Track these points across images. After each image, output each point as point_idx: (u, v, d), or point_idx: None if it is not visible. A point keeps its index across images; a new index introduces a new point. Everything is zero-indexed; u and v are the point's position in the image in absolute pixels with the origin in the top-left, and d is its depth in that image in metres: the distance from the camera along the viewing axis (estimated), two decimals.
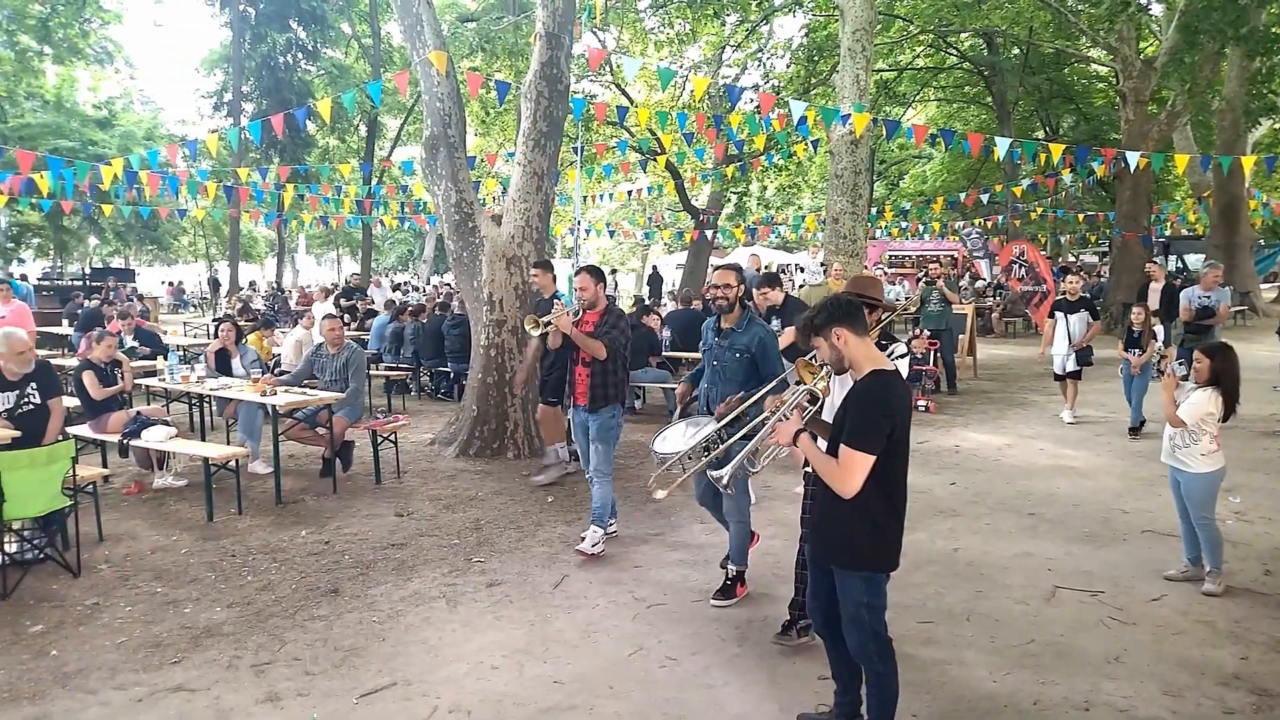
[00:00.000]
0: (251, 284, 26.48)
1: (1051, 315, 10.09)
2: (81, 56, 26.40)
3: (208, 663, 4.17)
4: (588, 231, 12.79)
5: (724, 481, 3.28)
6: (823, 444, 3.24)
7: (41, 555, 5.37)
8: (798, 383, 3.48)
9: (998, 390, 12.45)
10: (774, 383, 4.33)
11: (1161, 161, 12.46)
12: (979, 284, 23.72)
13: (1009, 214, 25.68)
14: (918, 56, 26.62)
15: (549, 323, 5.62)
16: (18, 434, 5.82)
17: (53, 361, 8.24)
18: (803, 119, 10.60)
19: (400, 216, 23.71)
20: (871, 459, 2.92)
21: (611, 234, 31.30)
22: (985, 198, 20.58)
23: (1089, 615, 4.69)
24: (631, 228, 33.73)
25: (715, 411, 4.53)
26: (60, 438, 6.13)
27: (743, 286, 4.93)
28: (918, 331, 11.77)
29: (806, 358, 3.52)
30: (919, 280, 14.78)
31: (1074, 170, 19.05)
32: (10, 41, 23.31)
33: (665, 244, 40.97)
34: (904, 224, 26.22)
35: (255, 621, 4.65)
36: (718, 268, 5.14)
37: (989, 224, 26.24)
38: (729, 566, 4.97)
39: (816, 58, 22.08)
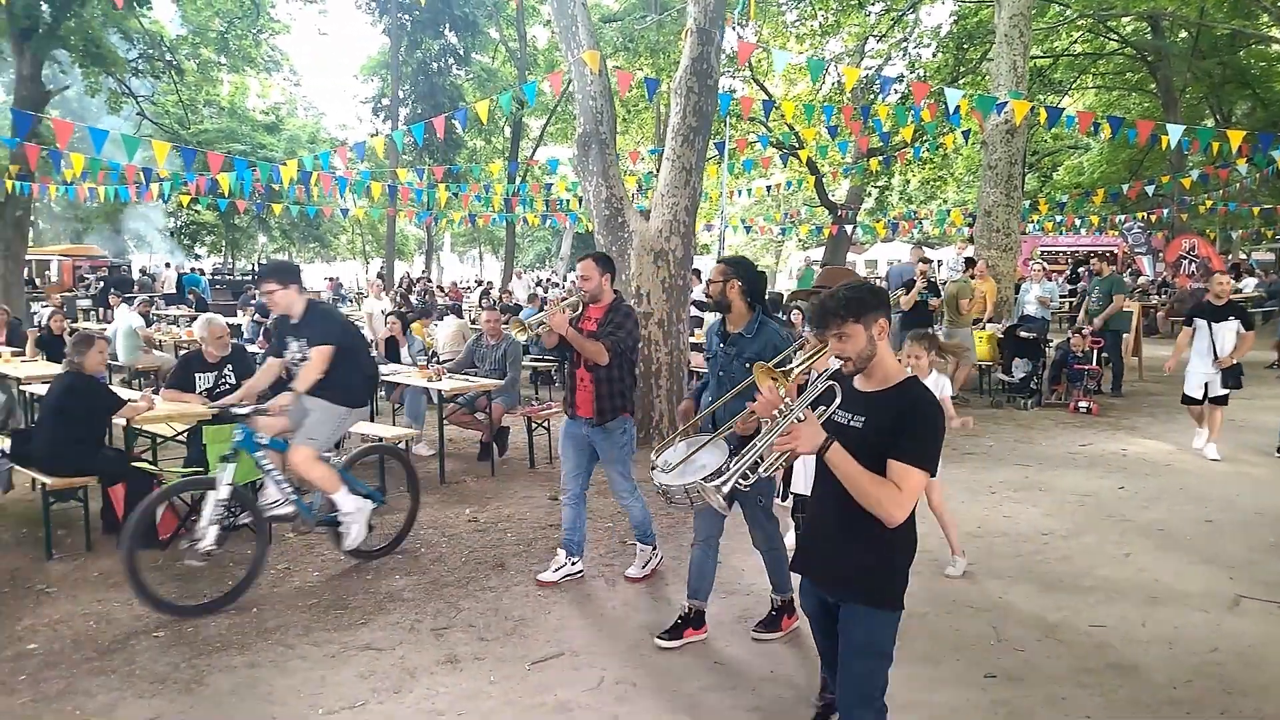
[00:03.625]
0: (407, 278, 27.80)
1: (1189, 322, 8.21)
2: (253, 65, 28.40)
3: (391, 625, 4.48)
4: (717, 227, 12.82)
5: (723, 502, 2.71)
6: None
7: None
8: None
9: (1165, 393, 11.73)
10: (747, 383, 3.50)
11: None
12: (1141, 280, 22.41)
13: (1174, 207, 24.06)
14: (1074, 42, 25.28)
15: (541, 323, 4.80)
16: (217, 410, 6.37)
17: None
18: (955, 109, 10.28)
19: (542, 214, 24.37)
20: (926, 479, 2.51)
21: (748, 230, 31.17)
22: (1150, 190, 19.33)
23: (1278, 628, 4.42)
24: (767, 224, 33.49)
25: (729, 430, 3.71)
26: None
27: (735, 281, 4.16)
28: (1080, 329, 11.22)
29: (773, 361, 2.97)
30: (1078, 275, 14.07)
31: (1251, 160, 17.68)
32: (194, 54, 25.32)
33: (800, 240, 40.51)
34: (1059, 218, 24.96)
35: (432, 589, 4.95)
36: (717, 262, 4.46)
37: (1152, 218, 24.67)
38: (773, 596, 4.42)
39: (966, 45, 21.34)
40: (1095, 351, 11.16)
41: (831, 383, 2.68)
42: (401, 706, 3.68)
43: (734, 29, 20.70)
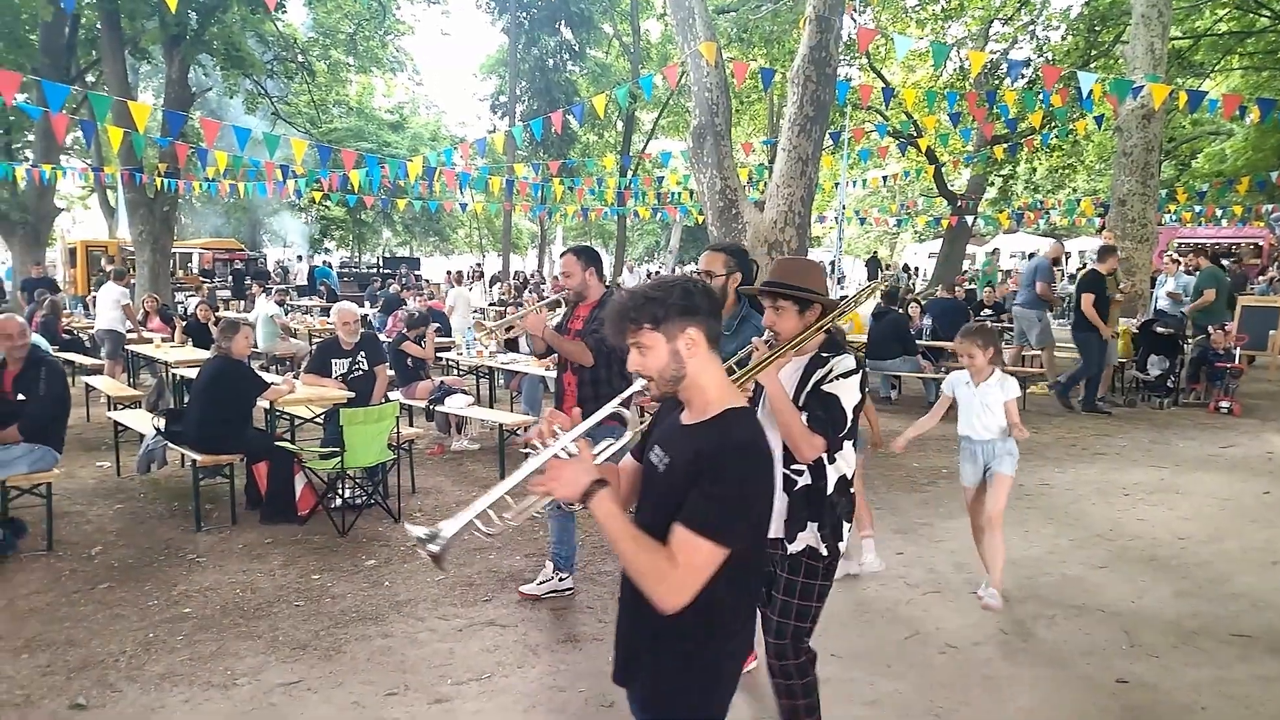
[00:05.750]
0: (521, 274, 28.51)
1: None
2: (380, 66, 29.57)
3: (513, 603, 4.64)
4: (837, 219, 12.61)
5: (435, 549, 1.77)
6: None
7: (371, 501, 6.16)
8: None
9: None
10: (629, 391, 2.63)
11: None
12: None
13: None
14: (1219, 21, 23.71)
15: (509, 326, 4.15)
16: (352, 395, 6.71)
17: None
18: (1088, 93, 9.83)
19: (654, 207, 24.51)
20: (723, 554, 1.79)
21: (862, 221, 30.55)
22: None
23: None
24: (883, 215, 32.73)
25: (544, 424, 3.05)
26: (383, 401, 7.00)
27: (738, 275, 3.67)
28: (1222, 324, 10.57)
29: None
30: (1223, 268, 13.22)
31: None
32: (325, 55, 26.55)
33: (916, 231, 39.41)
34: (1198, 208, 23.50)
35: None
36: (706, 250, 3.95)
37: None
38: None
39: (1099, 27, 20.32)
40: (1238, 348, 10.49)
41: (620, 410, 2.06)
42: (524, 681, 3.81)
43: (852, 16, 20.33)
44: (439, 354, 9.43)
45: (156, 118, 13.92)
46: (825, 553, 2.85)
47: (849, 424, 2.82)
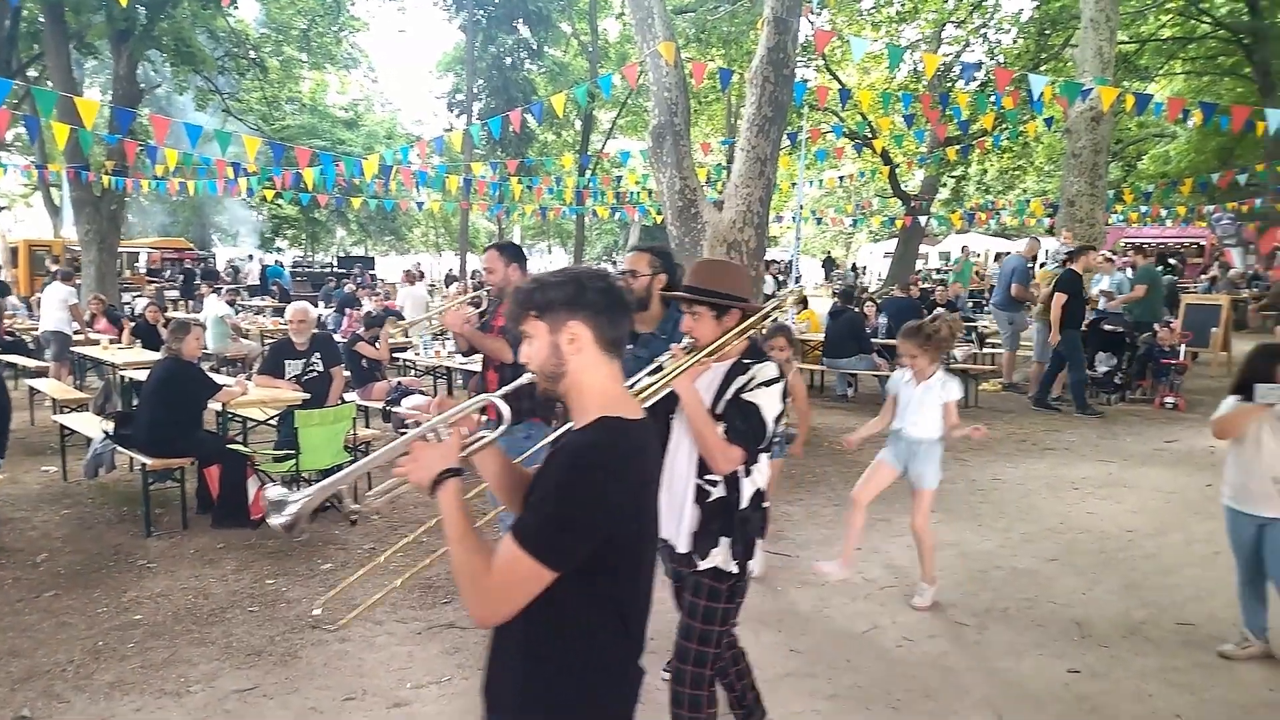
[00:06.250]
0: (475, 274, 28.31)
1: None
2: (334, 62, 29.16)
3: None
4: (795, 219, 12.72)
5: (282, 521, 1.73)
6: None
7: (328, 505, 6.08)
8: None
9: None
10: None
11: None
12: (1231, 273, 21.53)
13: (1269, 197, 23.01)
14: (1163, 26, 24.35)
15: (420, 323, 3.93)
16: (307, 396, 6.61)
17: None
18: (1038, 96, 10.03)
19: (612, 207, 24.49)
20: (547, 575, 1.62)
21: (819, 221, 30.84)
22: (1243, 179, 18.53)
23: None
24: (839, 215, 33.06)
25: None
26: (339, 402, 6.91)
27: (663, 276, 3.51)
28: (1167, 322, 10.87)
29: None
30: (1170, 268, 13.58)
31: None
32: (278, 51, 26.12)
33: (872, 232, 39.88)
34: (1144, 208, 24.10)
35: None
36: (630, 250, 3.81)
37: (1244, 208, 23.64)
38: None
39: (1049, 31, 20.74)
40: (1182, 346, 10.78)
41: (489, 399, 1.94)
42: None
43: (809, 18, 20.52)
44: (395, 354, 9.34)
45: (104, 114, 13.58)
46: (733, 572, 2.70)
47: (769, 435, 2.69)
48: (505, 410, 1.92)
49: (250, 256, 33.47)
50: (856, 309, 11.33)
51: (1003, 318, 11.30)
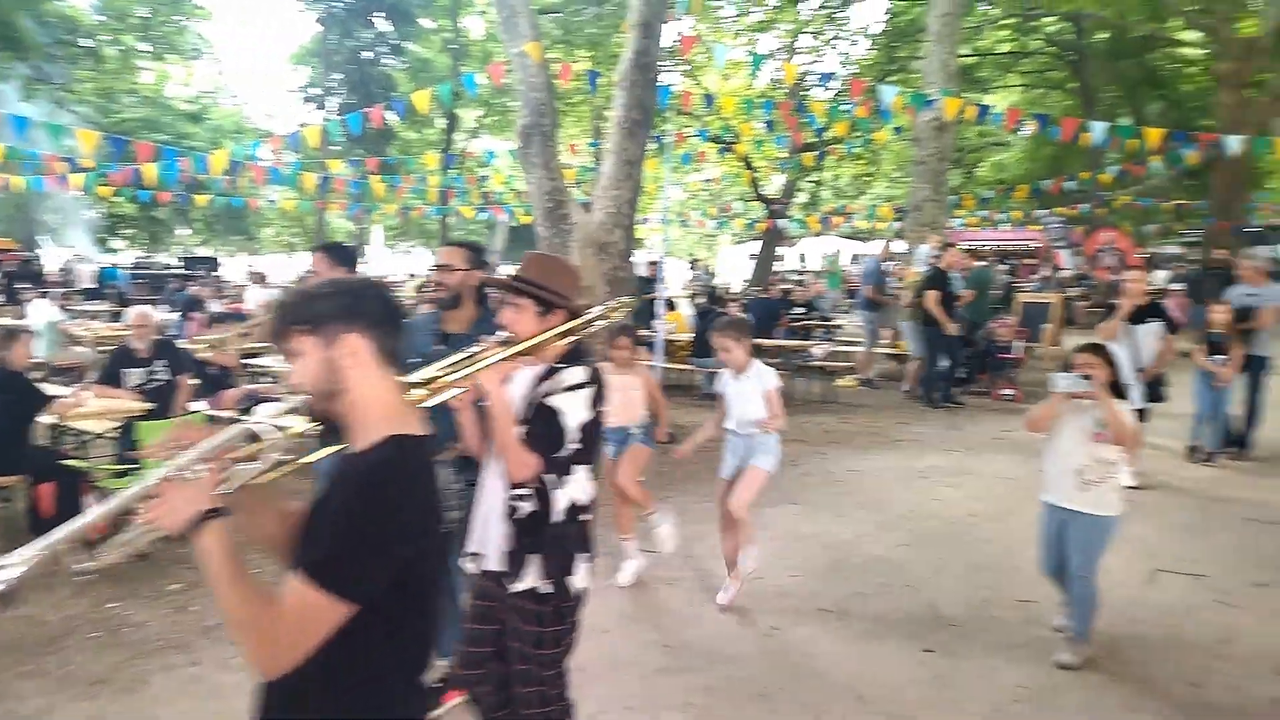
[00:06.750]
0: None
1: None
2: (177, 53, 27.56)
3: None
4: (662, 221, 12.90)
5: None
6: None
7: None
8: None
9: None
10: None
11: (1265, 147, 12.05)
12: (1061, 274, 23.23)
13: (1093, 203, 25.01)
14: (1000, 41, 26.09)
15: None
16: (150, 406, 6.21)
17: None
18: (889, 105, 10.56)
19: (478, 207, 24.16)
20: (345, 610, 1.51)
21: (684, 224, 31.37)
22: (1070, 186, 20.06)
23: (1194, 598, 4.69)
24: (703, 217, 33.72)
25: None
26: (186, 412, 6.52)
27: (477, 272, 3.40)
28: (1005, 318, 11.63)
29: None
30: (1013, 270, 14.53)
31: (1165, 157, 18.50)
32: (115, 41, 24.48)
33: (734, 234, 40.88)
34: (983, 213, 25.73)
35: None
36: (443, 245, 3.59)
37: (1072, 212, 25.59)
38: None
39: (897, 43, 21.83)
40: (1020, 341, 11.56)
41: (242, 425, 1.70)
42: None
43: (673, 24, 20.83)
44: (246, 361, 8.90)
45: None
46: (549, 591, 2.53)
47: (572, 444, 2.52)
48: (271, 436, 1.74)
49: (78, 256, 31.14)
50: (722, 309, 11.59)
51: (864, 318, 11.87)
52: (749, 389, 4.41)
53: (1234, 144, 11.07)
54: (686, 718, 3.55)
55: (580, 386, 2.53)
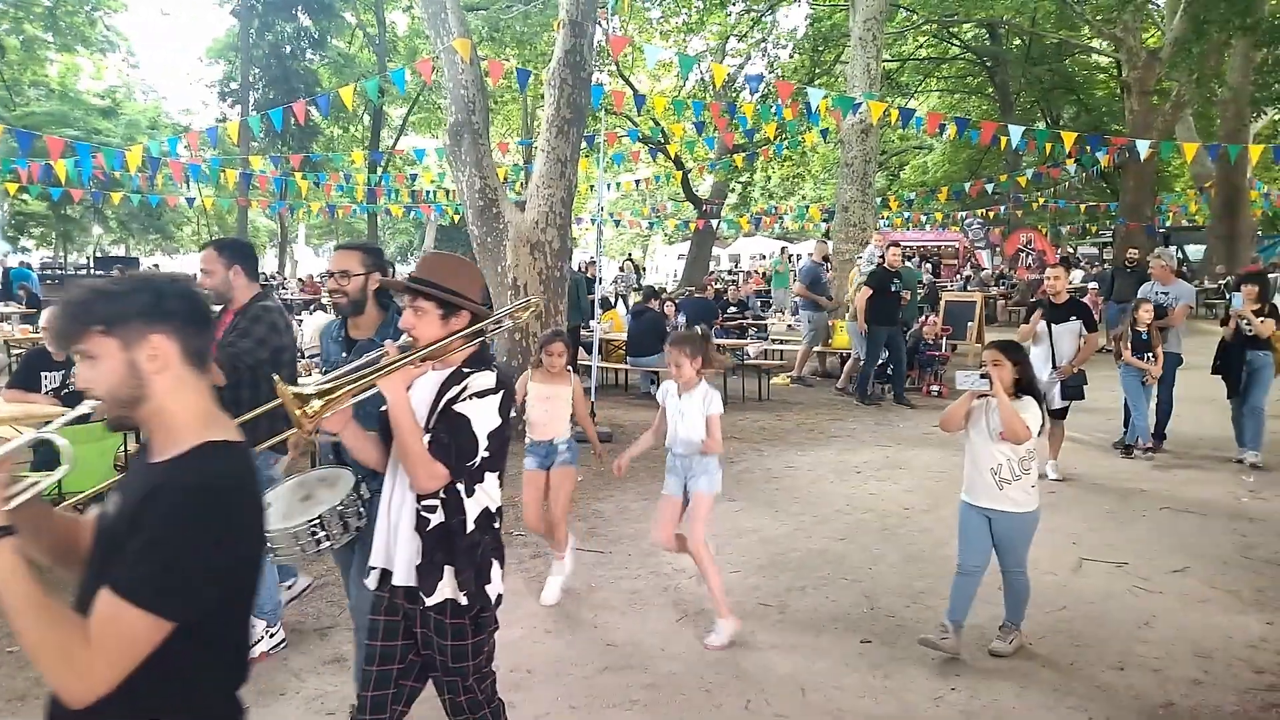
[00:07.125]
0: (269, 275, 26.65)
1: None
2: (88, 45, 26.45)
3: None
4: (594, 221, 12.88)
5: None
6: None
7: None
8: None
9: None
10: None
11: (1171, 150, 12.62)
12: (983, 274, 23.96)
13: (1011, 204, 25.88)
14: (920, 47, 26.79)
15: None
16: (69, 411, 5.95)
17: None
18: (815, 108, 10.73)
19: (407, 205, 23.80)
20: (166, 628, 1.41)
21: (617, 224, 31.42)
22: (989, 188, 20.75)
23: (1116, 585, 4.87)
24: (636, 217, 33.85)
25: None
26: None
27: (377, 275, 3.26)
28: (930, 316, 11.94)
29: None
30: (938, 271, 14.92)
31: (1079, 160, 19.25)
32: (16, 30, 23.36)
33: (666, 234, 41.12)
34: (907, 214, 26.40)
35: (317, 591, 4.81)
36: (337, 248, 3.47)
37: (990, 214, 26.43)
38: None
39: (821, 48, 22.22)
40: (944, 338, 11.87)
41: (41, 435, 1.65)
42: (291, 708, 3.57)
43: (602, 24, 20.82)
44: None
45: None
46: (466, 603, 2.44)
47: (480, 451, 2.42)
48: (66, 448, 1.65)
49: None
50: (658, 308, 11.64)
51: (804, 316, 12.06)
52: (692, 410, 4.19)
53: (1143, 148, 11.56)
54: (631, 715, 3.55)
55: (489, 392, 2.43)
